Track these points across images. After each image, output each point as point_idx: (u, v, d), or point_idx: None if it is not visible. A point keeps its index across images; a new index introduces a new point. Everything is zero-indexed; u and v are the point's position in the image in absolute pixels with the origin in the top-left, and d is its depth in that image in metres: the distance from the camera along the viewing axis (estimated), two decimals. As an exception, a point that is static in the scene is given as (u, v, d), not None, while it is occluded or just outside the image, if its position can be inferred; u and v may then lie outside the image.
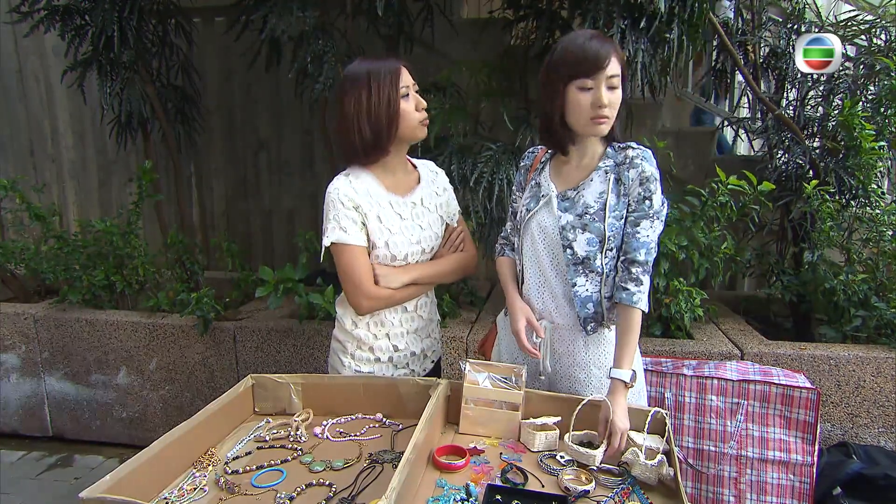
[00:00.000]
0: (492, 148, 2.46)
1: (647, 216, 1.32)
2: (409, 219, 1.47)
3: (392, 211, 1.45)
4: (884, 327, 2.24)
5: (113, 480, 0.99)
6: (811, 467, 1.82)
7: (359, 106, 1.34)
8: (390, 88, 1.34)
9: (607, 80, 1.29)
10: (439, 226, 1.54)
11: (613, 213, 1.32)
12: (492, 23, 2.81)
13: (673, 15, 2.17)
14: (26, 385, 2.81)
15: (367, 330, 1.51)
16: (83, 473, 2.59)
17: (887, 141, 2.44)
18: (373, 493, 1.09)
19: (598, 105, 1.29)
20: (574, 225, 1.34)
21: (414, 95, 1.39)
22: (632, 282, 1.31)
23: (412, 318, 1.55)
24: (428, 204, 1.51)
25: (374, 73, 1.34)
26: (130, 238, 2.82)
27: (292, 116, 3.57)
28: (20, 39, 3.65)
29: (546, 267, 1.40)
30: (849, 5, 2.95)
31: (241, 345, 2.59)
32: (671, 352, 2.20)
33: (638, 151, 1.34)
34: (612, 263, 1.35)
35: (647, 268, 1.32)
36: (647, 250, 1.32)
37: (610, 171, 1.35)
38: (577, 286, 1.36)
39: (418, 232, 1.48)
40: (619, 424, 1.24)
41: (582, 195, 1.35)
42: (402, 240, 1.44)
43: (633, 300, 1.31)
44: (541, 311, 1.43)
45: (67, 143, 3.94)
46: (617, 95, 1.31)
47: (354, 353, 1.52)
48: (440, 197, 1.55)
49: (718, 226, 2.32)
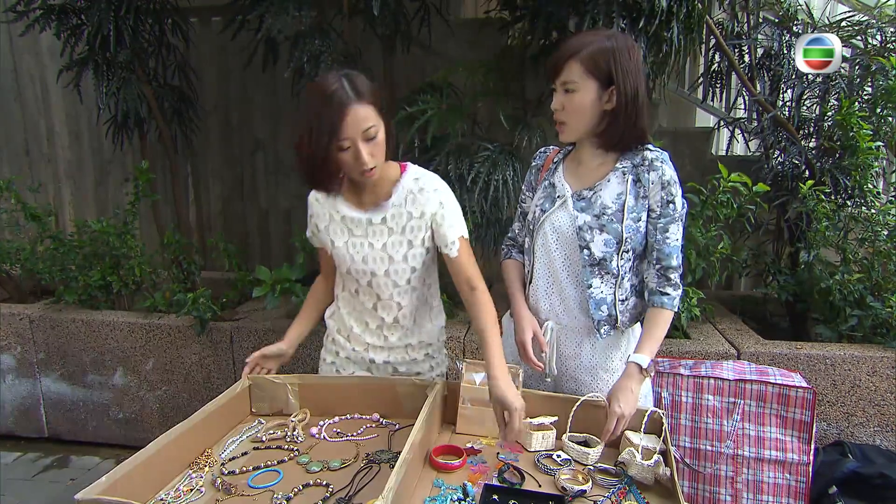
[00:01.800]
0: (489, 148, 2.46)
1: (674, 220, 1.32)
2: (360, 235, 1.40)
3: (342, 224, 1.41)
4: (879, 326, 2.25)
5: (109, 482, 0.99)
6: (807, 466, 1.83)
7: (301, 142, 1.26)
8: (328, 142, 1.23)
9: (562, 84, 1.29)
10: (401, 251, 1.39)
11: (631, 214, 1.31)
12: (489, 23, 2.81)
13: (672, 14, 2.18)
14: (22, 386, 2.80)
15: (335, 322, 1.55)
16: (79, 475, 2.58)
17: (883, 141, 2.45)
18: (370, 494, 1.09)
19: (553, 110, 1.32)
20: (591, 225, 1.33)
21: (357, 148, 1.24)
22: (670, 286, 1.33)
23: (375, 335, 1.49)
24: (394, 224, 1.38)
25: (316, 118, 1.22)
26: (127, 238, 2.81)
27: (289, 116, 3.56)
28: (15, 38, 3.63)
29: (557, 268, 1.39)
30: (843, 6, 2.96)
31: (237, 345, 2.58)
32: (668, 351, 2.20)
33: (656, 154, 1.32)
34: (627, 265, 1.35)
35: (681, 271, 1.34)
36: (678, 254, 1.34)
37: (628, 171, 1.33)
38: (592, 288, 1.35)
39: (365, 251, 1.39)
40: (615, 409, 1.24)
41: (599, 195, 1.34)
42: (345, 255, 1.41)
43: (673, 305, 1.34)
44: (548, 312, 1.43)
45: (63, 142, 3.92)
46: (574, 100, 1.28)
47: (325, 342, 1.59)
48: (415, 220, 1.37)
49: (715, 225, 2.33)
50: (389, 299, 1.44)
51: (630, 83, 1.26)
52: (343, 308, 1.52)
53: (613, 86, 1.26)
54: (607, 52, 1.25)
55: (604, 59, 1.25)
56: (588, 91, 1.27)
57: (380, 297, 1.44)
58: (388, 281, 1.41)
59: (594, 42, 1.27)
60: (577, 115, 1.30)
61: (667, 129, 3.39)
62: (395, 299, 1.44)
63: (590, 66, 1.26)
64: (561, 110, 1.32)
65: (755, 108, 2.80)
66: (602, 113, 1.30)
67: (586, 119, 1.31)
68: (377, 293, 1.44)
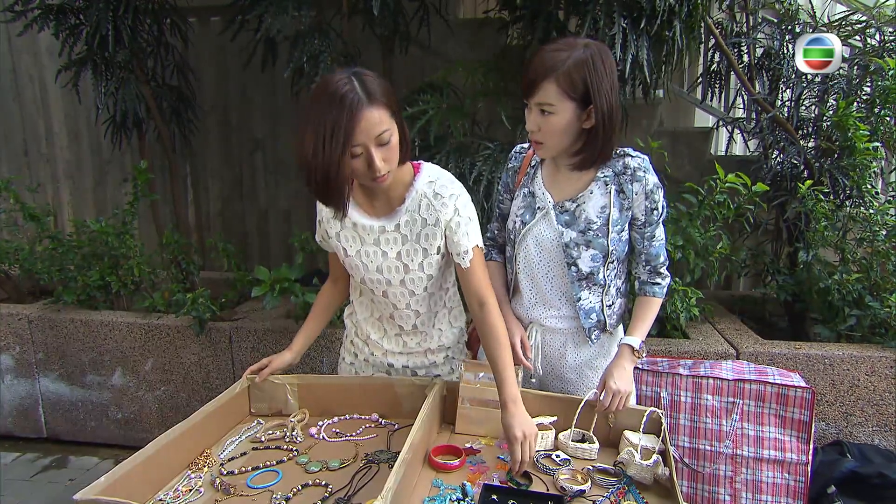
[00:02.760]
0: (489, 147, 2.46)
1: (658, 224, 1.36)
2: (372, 244, 1.33)
3: (354, 232, 1.33)
4: (878, 326, 2.25)
5: (108, 482, 0.99)
6: (806, 466, 1.83)
7: (306, 149, 1.13)
8: (341, 150, 1.11)
9: (537, 105, 1.24)
10: (417, 259, 1.32)
11: (616, 227, 1.32)
12: (488, 23, 2.81)
13: (673, 14, 2.18)
14: (20, 386, 2.79)
15: (354, 325, 1.53)
16: (78, 475, 2.57)
17: (881, 141, 2.45)
18: (369, 494, 1.09)
19: (529, 131, 1.28)
20: (578, 242, 1.32)
21: (370, 154, 1.15)
22: (660, 277, 1.40)
23: (393, 340, 1.45)
24: (407, 231, 1.31)
25: (325, 124, 1.11)
26: (126, 238, 2.81)
27: (288, 116, 3.56)
28: (14, 38, 3.63)
29: (540, 280, 1.40)
30: (842, 6, 2.96)
31: (237, 345, 2.58)
32: (667, 351, 2.20)
33: (638, 161, 1.30)
34: (612, 274, 1.37)
35: (667, 262, 1.41)
36: (664, 249, 1.40)
37: (610, 181, 1.31)
38: (581, 300, 1.37)
39: (379, 260, 1.32)
40: (611, 385, 1.28)
41: (583, 209, 1.32)
42: (357, 264, 1.34)
43: (662, 292, 1.40)
44: (529, 318, 1.45)
45: (62, 142, 3.92)
46: (551, 122, 1.23)
47: (344, 342, 1.58)
48: (430, 227, 1.30)
49: (714, 225, 2.33)
50: (406, 308, 1.38)
51: (606, 100, 1.21)
52: (360, 313, 1.49)
53: (592, 105, 1.21)
54: (582, 67, 1.19)
55: (580, 78, 1.19)
56: (565, 112, 1.22)
57: (396, 306, 1.38)
58: (403, 290, 1.35)
59: (569, 58, 1.20)
60: (555, 136, 1.25)
61: (666, 129, 3.39)
62: (413, 308, 1.38)
63: (567, 87, 1.20)
64: (537, 132, 1.26)
65: (754, 108, 2.80)
66: (580, 132, 1.26)
67: (564, 139, 1.26)
68: (393, 303, 1.38)
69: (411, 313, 1.40)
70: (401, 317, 1.41)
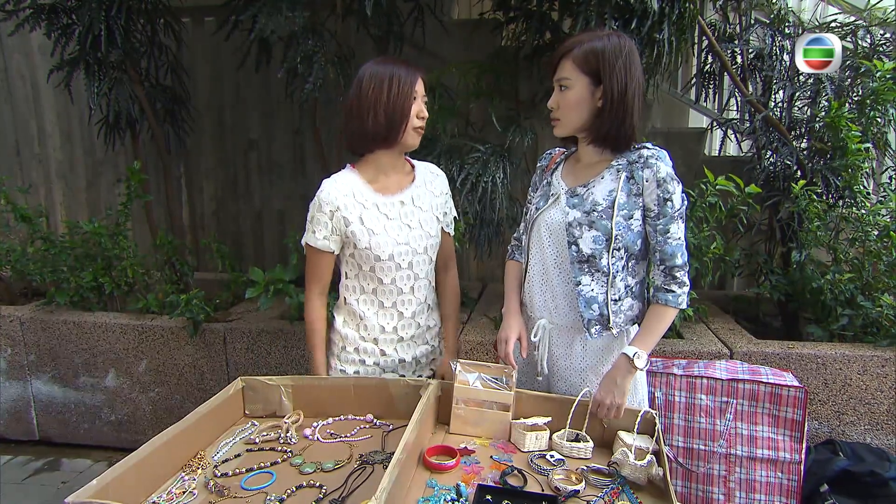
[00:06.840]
0: (480, 150, 2.46)
1: (674, 219, 1.31)
2: (396, 218, 1.47)
3: (377, 212, 1.46)
4: (869, 326, 2.27)
5: (100, 485, 0.98)
6: (799, 465, 1.84)
7: (379, 93, 1.39)
8: (409, 89, 1.41)
9: (557, 82, 1.35)
10: (434, 226, 1.53)
11: (622, 211, 1.31)
12: (483, 24, 2.82)
13: (664, 15, 2.19)
14: (12, 388, 2.77)
15: (356, 331, 1.52)
16: (70, 478, 2.56)
17: (872, 142, 2.47)
18: (363, 495, 1.09)
19: (550, 108, 1.37)
20: (581, 221, 1.33)
21: (420, 104, 1.44)
22: (676, 285, 1.32)
23: (408, 325, 1.53)
24: (421, 203, 1.51)
25: (400, 72, 1.41)
26: (119, 239, 2.80)
27: (282, 117, 3.55)
28: (5, 38, 3.60)
29: (550, 265, 1.40)
30: (833, 7, 2.98)
31: (231, 346, 2.57)
32: (661, 351, 2.21)
33: (653, 151, 1.32)
34: (619, 264, 1.34)
35: (687, 268, 1.33)
36: (682, 252, 1.33)
37: (622, 168, 1.33)
38: (581, 285, 1.35)
39: (406, 232, 1.47)
40: (597, 396, 1.30)
41: (591, 192, 1.35)
42: (387, 240, 1.45)
43: (678, 302, 1.32)
44: (541, 309, 1.43)
45: (54, 143, 3.89)
46: (567, 96, 1.33)
47: (340, 354, 1.54)
48: (437, 198, 1.55)
49: (707, 226, 2.34)
50: (425, 277, 1.53)
51: (617, 82, 1.28)
52: (368, 311, 1.50)
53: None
54: (597, 50, 1.29)
55: (594, 55, 1.29)
56: (579, 87, 1.31)
57: (417, 276, 1.51)
58: (425, 258, 1.51)
59: (588, 42, 1.31)
60: (569, 110, 1.34)
61: (660, 130, 3.41)
62: (429, 277, 1.55)
63: (580, 64, 1.30)
64: (556, 108, 1.37)
65: (747, 109, 2.81)
66: (593, 110, 1.33)
67: (576, 114, 1.34)
68: (416, 272, 1.50)
69: (427, 283, 1.55)
70: (419, 288, 1.53)
